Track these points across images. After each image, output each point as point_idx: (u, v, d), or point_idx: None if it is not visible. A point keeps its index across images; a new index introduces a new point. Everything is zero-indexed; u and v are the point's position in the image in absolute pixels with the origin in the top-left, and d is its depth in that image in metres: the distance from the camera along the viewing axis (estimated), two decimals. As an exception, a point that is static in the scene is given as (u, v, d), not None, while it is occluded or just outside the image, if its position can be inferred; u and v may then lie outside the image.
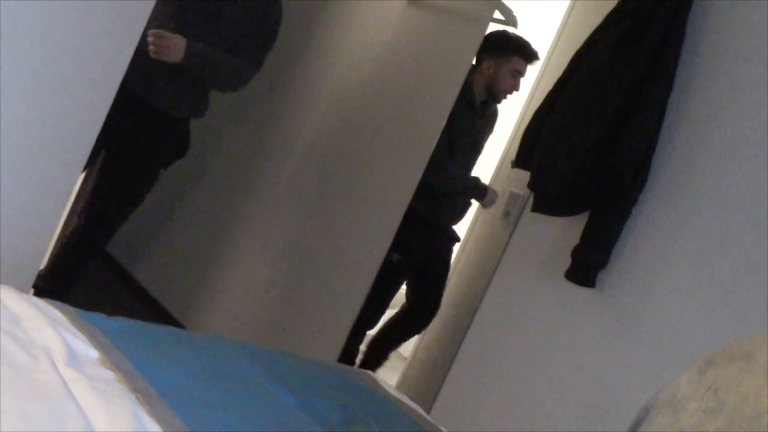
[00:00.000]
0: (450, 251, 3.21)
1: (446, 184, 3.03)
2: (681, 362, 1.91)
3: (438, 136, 2.73)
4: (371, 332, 3.26)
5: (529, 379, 2.34)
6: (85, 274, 2.85)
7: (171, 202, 3.61)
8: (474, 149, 3.10)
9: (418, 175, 2.72)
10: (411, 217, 2.83)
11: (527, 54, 2.96)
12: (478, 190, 3.03)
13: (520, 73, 2.99)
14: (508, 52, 2.95)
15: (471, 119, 2.99)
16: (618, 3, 2.27)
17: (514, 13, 2.92)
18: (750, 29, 2.12)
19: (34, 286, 2.45)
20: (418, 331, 3.26)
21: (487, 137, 3.15)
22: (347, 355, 2.92)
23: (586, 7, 2.69)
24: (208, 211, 3.48)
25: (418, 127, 2.83)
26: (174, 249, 3.48)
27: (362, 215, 2.91)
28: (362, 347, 3.22)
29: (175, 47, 2.58)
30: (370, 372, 1.99)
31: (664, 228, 2.16)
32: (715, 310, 2.00)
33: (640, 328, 2.14)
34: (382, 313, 3.21)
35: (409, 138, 2.85)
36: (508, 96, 3.03)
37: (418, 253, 3.09)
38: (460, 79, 2.74)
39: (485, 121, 3.09)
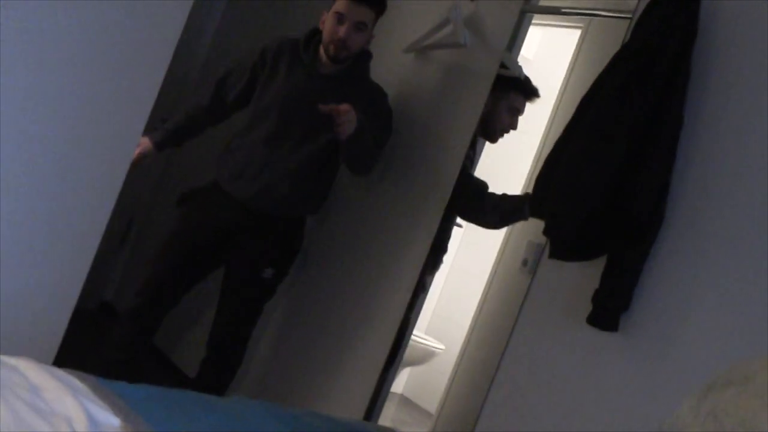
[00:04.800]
0: None
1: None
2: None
3: (451, 185, 2.73)
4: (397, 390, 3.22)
5: (556, 427, 2.30)
6: (104, 342, 2.86)
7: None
8: None
9: (434, 229, 2.72)
10: None
11: (526, 90, 2.86)
12: None
13: (519, 110, 2.87)
14: (506, 88, 2.83)
15: (471, 159, 2.95)
16: (622, 45, 2.28)
17: (520, 64, 2.93)
18: (756, 64, 2.12)
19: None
20: None
21: None
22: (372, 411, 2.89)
23: (594, 49, 2.71)
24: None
25: (429, 179, 2.84)
26: (192, 312, 3.48)
27: (381, 272, 2.91)
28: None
29: (351, 120, 2.65)
30: (396, 429, 1.97)
31: (685, 266, 2.13)
32: (742, 347, 1.97)
33: (666, 370, 2.10)
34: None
35: (420, 191, 2.86)
36: (505, 135, 2.90)
37: None
38: (471, 130, 2.75)
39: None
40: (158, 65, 2.12)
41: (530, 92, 2.88)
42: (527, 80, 2.91)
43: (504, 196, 2.87)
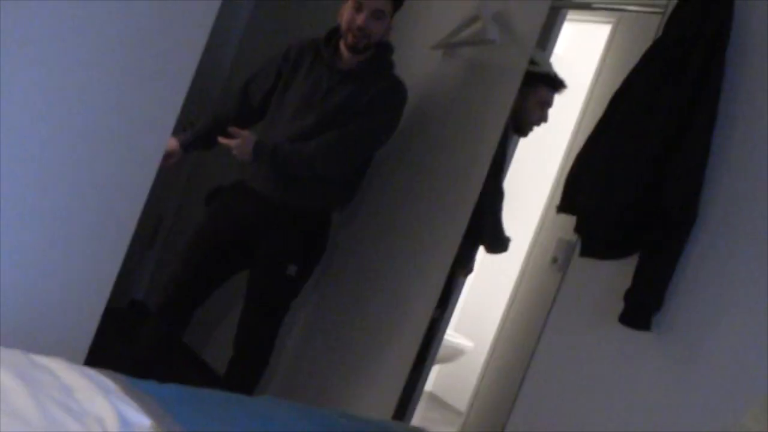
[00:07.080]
0: None
1: (498, 234, 2.99)
2: (743, 403, 1.84)
3: (481, 183, 2.71)
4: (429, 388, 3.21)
5: (588, 426, 2.28)
6: (135, 340, 2.88)
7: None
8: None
9: (464, 225, 2.70)
10: None
11: (553, 83, 2.88)
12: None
13: (548, 103, 2.89)
14: (534, 82, 2.82)
15: (503, 156, 2.93)
16: (654, 40, 2.25)
17: (550, 60, 2.91)
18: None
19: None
20: None
21: None
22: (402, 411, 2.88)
23: (624, 44, 2.68)
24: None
25: (459, 177, 2.83)
26: (222, 311, 3.50)
27: (410, 269, 2.90)
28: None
29: (242, 145, 2.68)
30: (425, 429, 1.96)
31: (718, 264, 2.10)
32: (779, 347, 1.93)
33: (700, 369, 2.07)
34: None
35: (452, 187, 2.84)
36: (535, 128, 2.91)
37: None
38: (500, 126, 2.73)
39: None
40: (187, 65, 2.14)
41: (558, 84, 2.88)
42: (554, 72, 2.90)
43: None
